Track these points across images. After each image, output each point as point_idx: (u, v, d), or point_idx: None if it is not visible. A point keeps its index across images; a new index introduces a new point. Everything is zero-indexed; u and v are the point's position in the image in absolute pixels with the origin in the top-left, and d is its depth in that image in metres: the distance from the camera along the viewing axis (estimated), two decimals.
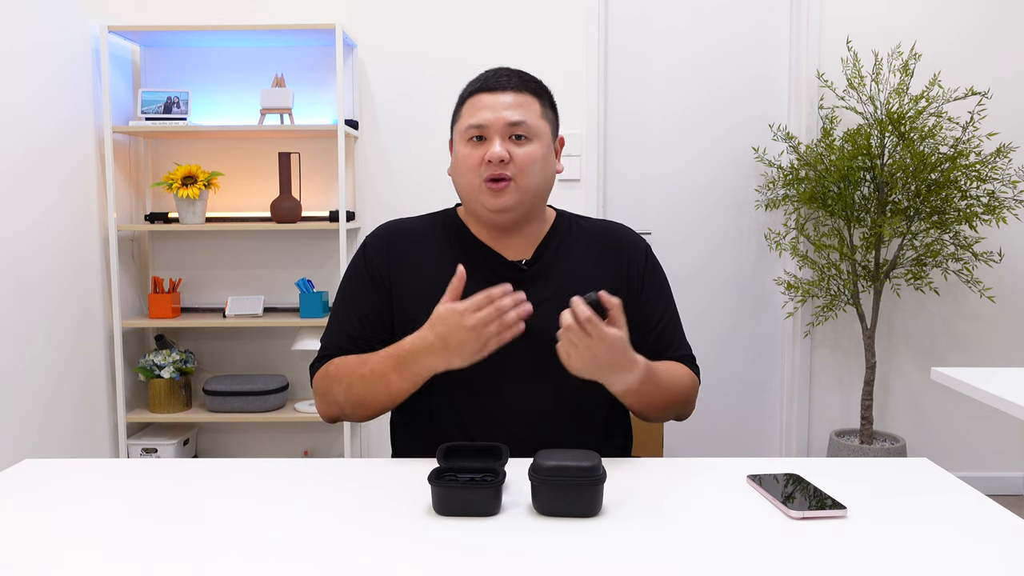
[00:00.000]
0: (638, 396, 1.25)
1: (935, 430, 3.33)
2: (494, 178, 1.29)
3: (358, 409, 1.30)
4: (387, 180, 3.23)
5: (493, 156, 1.27)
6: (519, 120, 1.30)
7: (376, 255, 1.38)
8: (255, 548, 0.91)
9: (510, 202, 1.30)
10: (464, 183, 1.33)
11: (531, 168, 1.31)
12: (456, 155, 1.34)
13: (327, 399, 1.33)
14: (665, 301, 1.42)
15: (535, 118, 1.32)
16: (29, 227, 2.53)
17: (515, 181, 1.30)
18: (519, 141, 1.30)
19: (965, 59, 3.18)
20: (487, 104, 1.30)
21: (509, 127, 1.29)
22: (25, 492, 1.10)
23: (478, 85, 1.33)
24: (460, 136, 1.33)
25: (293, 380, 3.22)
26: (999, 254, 3.14)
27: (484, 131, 1.30)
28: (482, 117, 1.30)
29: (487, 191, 1.30)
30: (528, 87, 1.34)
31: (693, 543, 0.92)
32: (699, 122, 3.29)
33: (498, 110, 1.30)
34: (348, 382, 1.29)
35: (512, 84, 1.32)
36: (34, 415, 2.56)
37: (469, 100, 1.33)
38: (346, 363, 1.31)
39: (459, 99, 1.37)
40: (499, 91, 1.31)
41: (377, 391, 1.26)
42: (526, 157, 1.30)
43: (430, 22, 3.17)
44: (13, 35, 2.46)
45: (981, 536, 0.95)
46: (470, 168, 1.31)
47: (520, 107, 1.31)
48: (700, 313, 3.34)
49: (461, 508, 1.00)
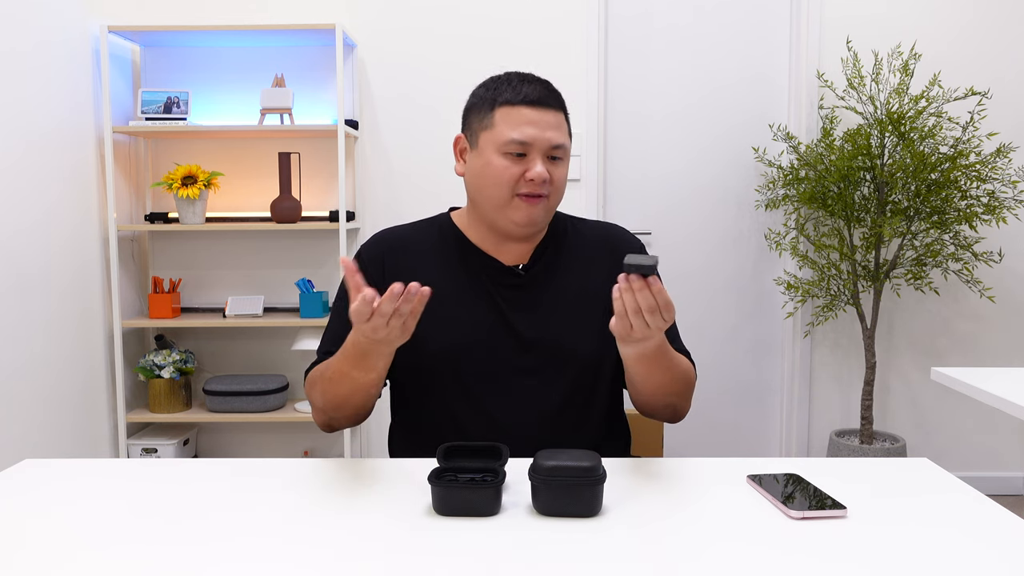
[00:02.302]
0: (648, 365, 1.21)
1: (935, 430, 3.33)
2: (532, 195, 1.29)
3: (339, 411, 1.28)
4: (387, 180, 3.23)
5: (538, 176, 1.27)
6: (561, 144, 1.30)
7: (371, 265, 1.37)
8: (255, 548, 0.91)
9: (540, 217, 1.31)
10: (493, 194, 1.30)
11: (561, 185, 1.33)
12: (487, 163, 1.30)
13: (314, 407, 1.33)
14: None
15: (567, 139, 1.33)
16: (29, 227, 2.53)
17: (548, 199, 1.31)
18: (555, 162, 1.31)
19: (965, 59, 3.18)
20: (531, 120, 1.28)
21: (552, 149, 1.29)
22: (25, 492, 1.10)
23: (518, 97, 1.29)
24: (496, 147, 1.29)
25: (293, 380, 3.22)
26: (999, 254, 3.14)
27: (527, 148, 1.28)
28: (527, 134, 1.27)
29: (521, 204, 1.29)
30: (561, 105, 1.33)
31: (693, 543, 0.92)
32: (699, 121, 3.29)
33: (544, 129, 1.28)
34: (322, 387, 1.28)
35: (552, 102, 1.31)
36: (34, 415, 2.56)
37: (507, 110, 1.29)
38: (317, 370, 1.31)
39: (486, 102, 1.32)
40: (543, 108, 1.29)
41: (346, 388, 1.23)
42: (561, 177, 1.32)
43: (430, 22, 3.17)
44: (13, 35, 2.46)
45: (981, 536, 0.95)
46: (506, 182, 1.29)
47: (560, 128, 1.31)
48: (700, 313, 3.34)
49: (461, 508, 1.00)
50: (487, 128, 1.31)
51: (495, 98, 1.31)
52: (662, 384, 1.26)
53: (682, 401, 1.33)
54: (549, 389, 1.32)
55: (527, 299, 1.34)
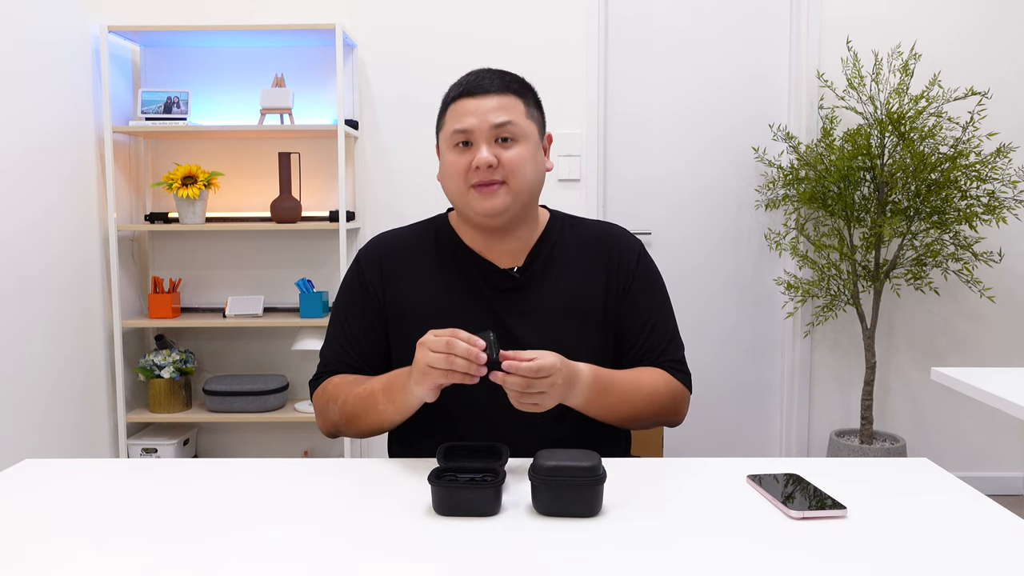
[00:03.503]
0: (595, 408, 1.24)
1: (935, 430, 3.33)
2: (484, 183, 1.27)
3: (351, 426, 1.30)
4: (387, 180, 3.23)
5: (481, 162, 1.26)
6: (504, 121, 1.27)
7: (369, 269, 1.37)
8: (255, 548, 0.91)
9: (502, 205, 1.29)
10: (452, 189, 1.31)
11: (521, 169, 1.29)
12: (443, 161, 1.32)
13: (324, 416, 1.34)
14: (654, 304, 1.38)
15: (520, 118, 1.30)
16: (29, 226, 2.53)
17: (507, 184, 1.28)
18: (506, 144, 1.28)
19: (965, 59, 3.18)
20: (470, 109, 1.28)
21: (495, 130, 1.27)
22: (25, 492, 1.10)
23: (460, 91, 1.30)
24: (446, 142, 1.31)
25: (293, 380, 3.22)
26: (999, 254, 3.14)
27: (470, 136, 1.28)
28: (467, 122, 1.27)
29: (476, 195, 1.28)
30: (511, 88, 1.31)
31: (693, 543, 0.92)
32: (699, 122, 3.29)
33: (482, 114, 1.27)
34: (343, 399, 1.29)
35: (494, 86, 1.29)
36: (34, 415, 2.56)
37: (452, 106, 1.31)
38: (345, 379, 1.33)
39: (442, 104, 1.34)
40: (481, 95, 1.29)
41: (367, 411, 1.27)
42: (515, 159, 1.28)
43: (430, 21, 3.17)
44: (13, 35, 2.46)
45: (981, 536, 0.95)
46: (457, 174, 1.29)
47: (504, 109, 1.28)
48: (700, 313, 3.34)
49: (461, 508, 1.00)
50: (441, 128, 1.34)
51: (447, 98, 1.33)
52: (627, 413, 1.29)
53: (666, 415, 1.34)
54: None
55: (523, 302, 1.33)
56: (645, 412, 1.30)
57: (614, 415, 1.27)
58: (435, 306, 1.32)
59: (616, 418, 1.28)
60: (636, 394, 1.28)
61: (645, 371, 1.33)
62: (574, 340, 1.32)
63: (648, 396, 1.30)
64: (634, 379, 1.30)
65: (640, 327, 1.36)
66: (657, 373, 1.34)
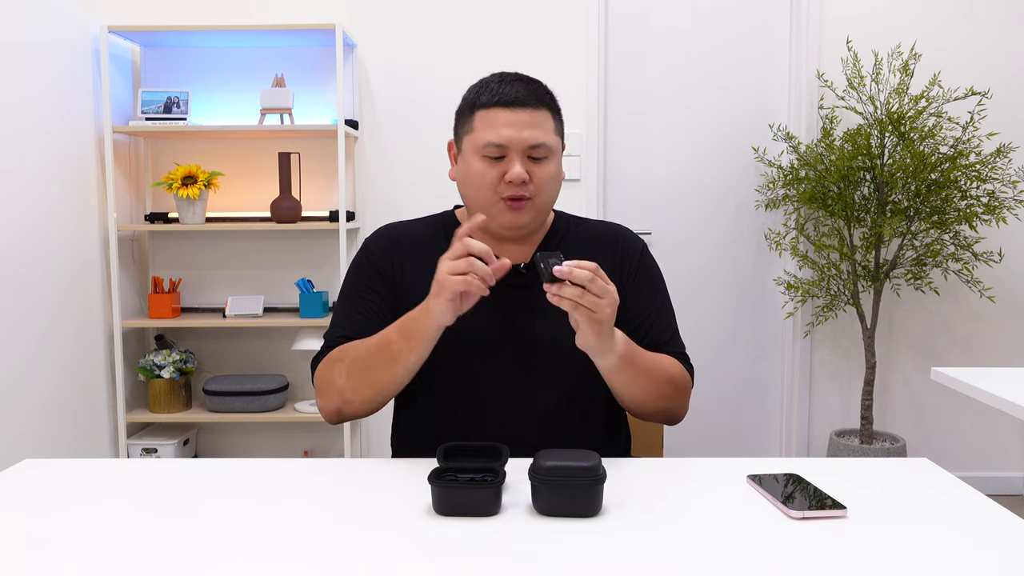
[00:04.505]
0: (621, 375, 1.23)
1: (935, 430, 3.33)
2: (514, 197, 1.28)
3: (360, 387, 1.26)
4: (387, 180, 3.23)
5: (515, 177, 1.26)
6: (540, 143, 1.28)
7: (380, 253, 1.37)
8: (255, 548, 0.91)
9: (526, 220, 1.30)
10: (478, 197, 1.30)
11: (549, 186, 1.31)
12: (469, 168, 1.31)
13: (328, 387, 1.30)
14: (656, 297, 1.40)
15: (551, 136, 1.30)
16: (29, 226, 2.53)
17: (533, 200, 1.29)
18: (537, 162, 1.29)
19: (965, 59, 3.18)
20: (506, 121, 1.27)
21: (529, 149, 1.28)
22: (25, 492, 1.10)
23: (494, 99, 1.29)
24: (475, 150, 1.29)
25: (293, 380, 3.22)
26: (999, 254, 3.14)
27: (504, 151, 1.28)
28: (502, 135, 1.27)
29: (504, 209, 1.29)
30: (543, 101, 1.31)
31: (693, 543, 0.92)
32: (699, 122, 3.29)
33: (519, 129, 1.27)
34: (352, 356, 1.26)
35: (530, 101, 1.29)
36: (34, 415, 2.56)
37: (484, 113, 1.29)
38: (352, 343, 1.30)
39: (468, 105, 1.33)
40: (518, 107, 1.28)
41: (380, 360, 1.24)
42: (545, 177, 1.29)
43: (430, 22, 3.17)
44: (13, 35, 2.46)
45: (981, 536, 0.95)
46: (487, 185, 1.29)
47: (539, 127, 1.29)
48: (700, 313, 3.34)
49: (461, 508, 1.00)
50: (468, 132, 1.31)
51: (475, 102, 1.31)
52: (645, 390, 1.27)
53: (675, 405, 1.33)
54: (550, 389, 1.31)
55: (528, 299, 1.33)
56: (660, 393, 1.29)
57: (634, 387, 1.26)
58: None
59: (634, 391, 1.27)
60: (657, 372, 1.28)
61: (662, 355, 1.33)
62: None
63: (665, 376, 1.30)
64: (656, 358, 1.30)
65: (644, 318, 1.37)
66: (671, 359, 1.34)
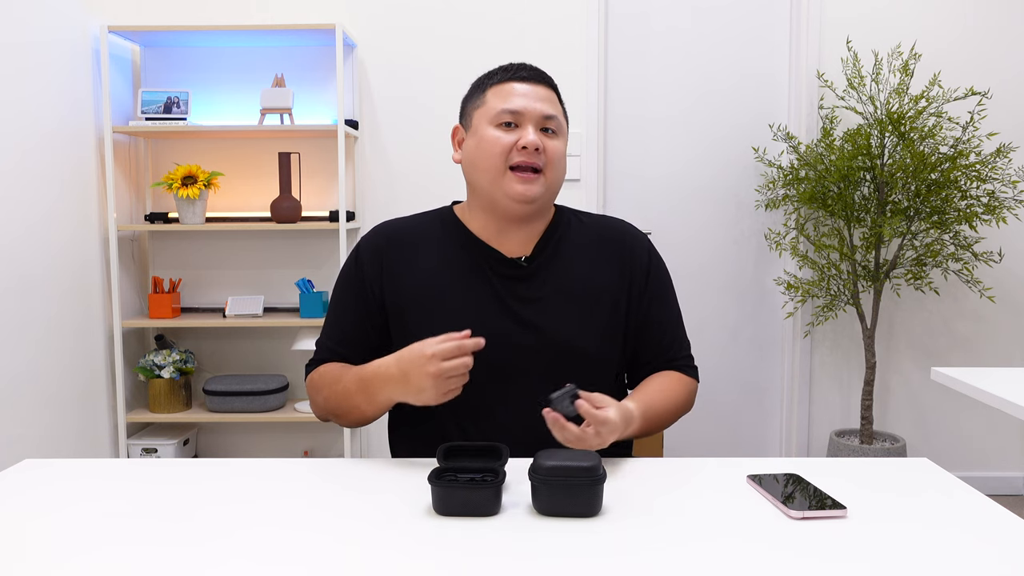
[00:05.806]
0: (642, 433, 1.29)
1: (935, 430, 3.33)
2: (527, 166, 1.28)
3: (336, 420, 1.34)
4: (387, 180, 3.23)
5: (530, 143, 1.27)
6: (552, 114, 1.30)
7: (368, 261, 1.37)
8: (255, 549, 0.91)
9: (537, 192, 1.29)
10: (487, 167, 1.30)
11: (559, 162, 1.32)
12: (481, 137, 1.30)
13: (314, 403, 1.37)
14: (671, 301, 1.43)
15: (560, 115, 1.34)
16: (29, 227, 2.53)
17: (544, 174, 1.30)
18: (549, 135, 1.31)
19: (965, 59, 3.18)
20: (521, 92, 1.30)
21: (543, 119, 1.30)
22: (25, 492, 1.10)
23: (507, 75, 1.32)
24: (489, 119, 1.30)
25: (293, 380, 3.22)
26: (999, 254, 3.14)
27: (518, 118, 1.29)
28: (517, 104, 1.29)
29: (514, 178, 1.28)
30: (553, 87, 1.35)
31: (693, 543, 0.92)
32: (699, 122, 3.29)
33: (533, 100, 1.29)
34: (325, 395, 1.33)
35: (542, 79, 1.33)
36: (34, 415, 2.56)
37: (497, 87, 1.32)
38: (329, 372, 1.34)
39: (478, 87, 1.35)
40: (531, 82, 1.31)
41: (347, 408, 1.30)
42: (556, 151, 1.31)
43: (430, 22, 3.17)
44: (13, 35, 2.46)
45: (981, 536, 0.95)
46: (499, 152, 1.28)
47: (551, 102, 1.32)
48: (700, 313, 3.34)
49: (461, 508, 1.00)
50: (479, 107, 1.33)
51: (487, 81, 1.34)
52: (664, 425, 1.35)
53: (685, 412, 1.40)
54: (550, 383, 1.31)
55: (529, 291, 1.33)
56: (676, 418, 1.37)
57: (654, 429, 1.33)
58: (440, 293, 1.32)
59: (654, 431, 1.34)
60: (670, 408, 1.34)
61: (669, 383, 1.37)
62: (579, 328, 1.32)
63: (676, 407, 1.36)
64: (667, 398, 1.34)
65: (662, 331, 1.40)
66: (677, 380, 1.38)
